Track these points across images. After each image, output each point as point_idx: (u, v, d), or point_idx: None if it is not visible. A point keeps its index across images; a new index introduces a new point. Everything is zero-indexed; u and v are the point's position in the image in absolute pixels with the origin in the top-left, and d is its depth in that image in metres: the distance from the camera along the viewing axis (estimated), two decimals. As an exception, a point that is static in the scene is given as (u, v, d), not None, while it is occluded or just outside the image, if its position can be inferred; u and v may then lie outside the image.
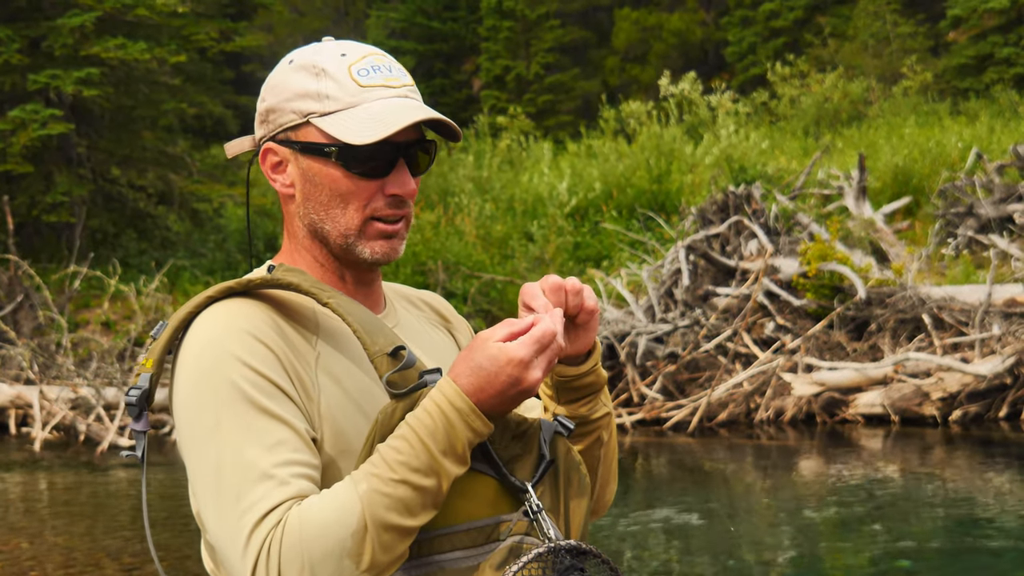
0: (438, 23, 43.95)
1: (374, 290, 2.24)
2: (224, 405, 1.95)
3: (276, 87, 2.17)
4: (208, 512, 1.95)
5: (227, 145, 2.25)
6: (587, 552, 2.00)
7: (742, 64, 38.91)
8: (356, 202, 2.12)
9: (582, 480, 2.14)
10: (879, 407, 15.22)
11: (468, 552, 2.00)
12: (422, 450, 1.91)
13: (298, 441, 1.96)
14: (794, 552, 9.69)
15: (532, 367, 1.95)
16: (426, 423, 1.93)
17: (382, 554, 1.88)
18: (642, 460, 14.48)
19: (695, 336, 16.82)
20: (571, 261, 22.19)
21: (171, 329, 2.04)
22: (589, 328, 2.18)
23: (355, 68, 2.12)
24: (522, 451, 2.08)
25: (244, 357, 1.98)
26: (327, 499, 1.89)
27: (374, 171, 2.11)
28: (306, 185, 2.14)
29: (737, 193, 18.52)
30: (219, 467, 1.93)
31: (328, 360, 2.08)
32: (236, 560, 1.89)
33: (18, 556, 10.38)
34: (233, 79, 36.31)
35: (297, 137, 2.13)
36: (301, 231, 2.18)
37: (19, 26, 23.99)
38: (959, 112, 29.13)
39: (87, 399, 17.34)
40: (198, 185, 26.72)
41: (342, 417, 2.03)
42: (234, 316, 2.03)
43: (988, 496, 11.63)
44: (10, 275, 20.95)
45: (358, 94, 2.10)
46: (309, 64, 2.14)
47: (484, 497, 2.02)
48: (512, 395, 1.96)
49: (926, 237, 20.51)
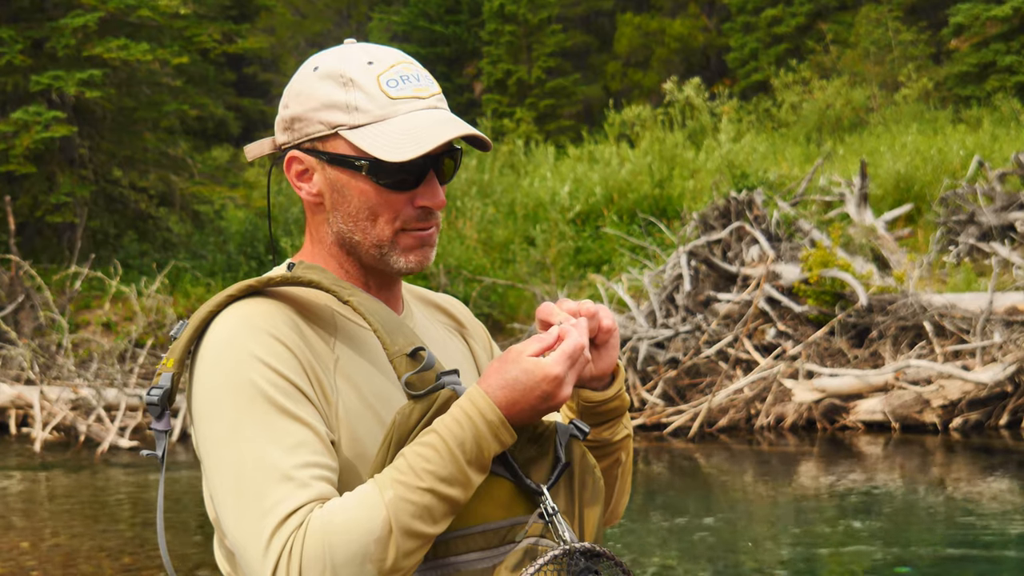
0: (440, 27, 43.94)
1: (395, 293, 2.24)
2: (244, 406, 1.95)
3: (301, 95, 2.14)
4: (227, 513, 1.94)
5: (247, 148, 2.23)
6: (601, 555, 2.01)
7: (744, 70, 38.87)
8: (386, 215, 2.11)
9: (596, 483, 2.14)
10: (880, 414, 15.22)
11: (484, 554, 2.00)
12: (451, 460, 1.92)
13: (318, 443, 1.96)
14: (793, 558, 9.69)
15: (565, 383, 1.97)
16: (456, 433, 1.93)
17: (403, 560, 1.89)
18: (642, 465, 14.48)
19: (696, 341, 16.82)
20: (572, 266, 22.19)
21: (192, 328, 2.04)
22: (610, 347, 2.17)
23: (384, 78, 2.10)
24: (538, 454, 2.08)
25: (264, 357, 1.97)
26: (352, 503, 1.89)
27: (404, 184, 2.10)
28: (334, 195, 2.13)
29: (739, 199, 18.53)
30: (239, 468, 1.93)
31: (346, 363, 2.08)
32: (256, 561, 1.89)
33: (18, 556, 10.38)
34: (235, 81, 36.33)
35: (325, 148, 2.11)
36: (329, 237, 2.17)
37: (22, 27, 23.99)
38: (961, 120, 29.13)
39: (87, 400, 17.34)
40: (199, 187, 26.70)
41: (358, 422, 2.03)
42: (254, 316, 2.02)
43: (988, 504, 11.63)
44: (11, 275, 20.95)
45: (388, 106, 2.08)
46: (336, 73, 2.11)
47: (500, 499, 2.03)
48: (542, 410, 1.98)
49: (927, 244, 20.51)
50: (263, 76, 42.19)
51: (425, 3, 44.29)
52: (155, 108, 25.56)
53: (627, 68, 42.87)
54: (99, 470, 15.04)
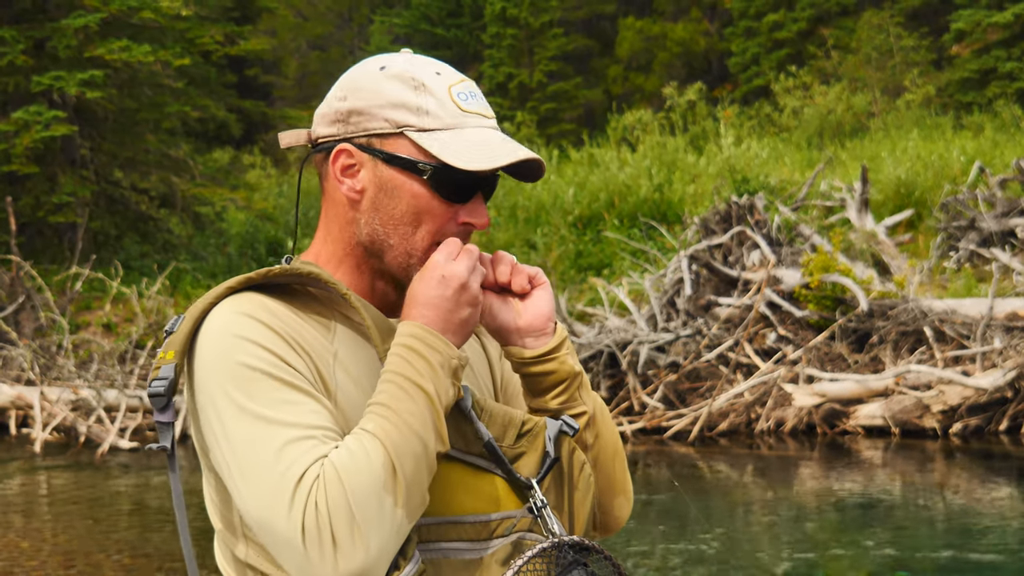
0: (442, 30, 44.01)
1: (393, 312, 2.21)
2: (247, 386, 1.95)
3: (364, 90, 2.11)
4: (241, 489, 1.94)
5: (281, 135, 2.20)
6: (590, 548, 2.01)
7: (745, 75, 38.92)
8: (430, 224, 2.10)
9: (587, 479, 2.14)
10: (880, 419, 15.22)
11: (472, 544, 2.01)
12: (403, 382, 1.96)
13: (323, 411, 1.98)
14: (793, 562, 9.69)
15: (455, 262, 2.05)
16: (394, 362, 1.99)
17: (409, 489, 1.91)
18: (642, 469, 14.48)
19: (697, 346, 16.83)
20: (573, 269, 22.20)
21: (191, 320, 2.04)
22: (535, 299, 2.18)
23: (455, 90, 2.11)
24: (527, 449, 2.08)
25: (263, 343, 1.98)
26: (351, 445, 1.91)
27: (457, 196, 2.10)
28: (380, 195, 2.11)
29: (740, 203, 18.53)
30: (249, 442, 1.93)
31: (345, 357, 2.08)
32: (282, 524, 1.88)
33: (18, 556, 10.38)
34: (236, 83, 36.35)
35: (383, 146, 2.09)
36: (355, 238, 2.14)
37: (23, 27, 24.02)
38: (962, 126, 29.14)
39: (88, 401, 17.34)
40: (200, 189, 26.73)
41: (356, 414, 2.03)
42: (252, 307, 2.02)
43: (988, 509, 11.63)
44: (12, 276, 20.96)
45: (459, 116, 2.08)
46: (407, 75, 2.10)
47: (489, 493, 2.04)
48: (451, 295, 2.04)
49: (928, 250, 20.52)
50: (264, 78, 42.25)
51: (427, 6, 44.36)
52: (157, 109, 25.59)
53: (629, 72, 42.92)
54: (99, 471, 15.04)
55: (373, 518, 1.87)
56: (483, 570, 2.00)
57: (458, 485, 2.00)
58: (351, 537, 1.86)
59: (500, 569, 1.99)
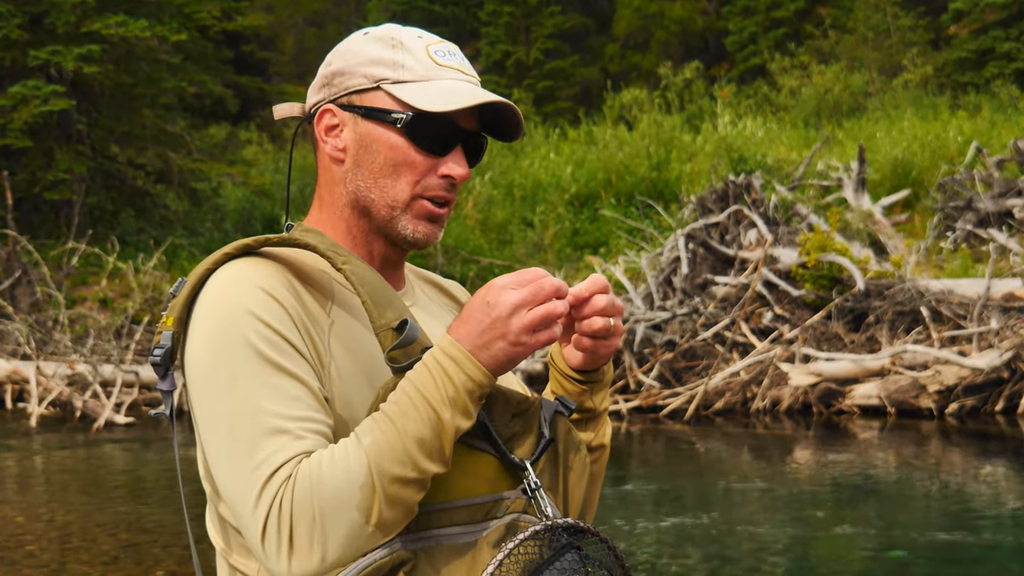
0: (439, 7, 43.89)
1: (398, 268, 2.23)
2: (239, 362, 1.94)
3: (347, 53, 2.17)
4: (221, 468, 1.94)
5: (276, 107, 2.24)
6: (584, 530, 2.00)
7: (743, 54, 38.85)
8: (409, 175, 2.12)
9: (582, 460, 2.13)
10: (876, 399, 15.24)
11: (466, 528, 1.99)
12: (420, 400, 1.91)
13: (311, 398, 1.96)
14: (788, 541, 9.71)
15: (519, 312, 1.93)
16: (421, 374, 1.93)
17: (389, 509, 1.88)
18: (638, 447, 14.50)
19: (693, 324, 16.84)
20: (569, 247, 22.20)
21: (189, 286, 2.03)
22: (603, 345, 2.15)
23: (432, 48, 2.14)
24: (522, 429, 2.06)
25: (259, 313, 1.97)
26: (335, 453, 1.89)
27: (435, 147, 2.11)
28: (360, 151, 2.13)
29: (737, 182, 18.53)
30: (232, 423, 1.93)
31: (341, 328, 2.07)
32: (248, 515, 1.89)
33: (14, 531, 10.39)
34: (233, 59, 36.25)
35: (362, 102, 2.13)
36: (342, 199, 2.17)
37: (20, 1, 23.94)
38: (959, 106, 29.12)
39: (84, 375, 17.35)
40: (197, 164, 26.70)
41: (350, 386, 2.02)
42: (250, 273, 2.02)
43: (983, 488, 11.66)
44: (8, 250, 20.95)
45: (433, 69, 2.12)
46: (387, 36, 2.15)
47: (483, 474, 2.02)
48: (497, 336, 1.94)
49: (924, 230, 20.53)
50: (261, 54, 42.08)
51: (424, -17, 44.21)
52: (153, 85, 25.53)
53: (626, 50, 42.82)
54: (95, 446, 15.05)
55: (337, 533, 1.87)
56: (476, 552, 1.98)
57: (453, 466, 1.97)
58: (309, 545, 1.86)
59: (493, 551, 1.97)
